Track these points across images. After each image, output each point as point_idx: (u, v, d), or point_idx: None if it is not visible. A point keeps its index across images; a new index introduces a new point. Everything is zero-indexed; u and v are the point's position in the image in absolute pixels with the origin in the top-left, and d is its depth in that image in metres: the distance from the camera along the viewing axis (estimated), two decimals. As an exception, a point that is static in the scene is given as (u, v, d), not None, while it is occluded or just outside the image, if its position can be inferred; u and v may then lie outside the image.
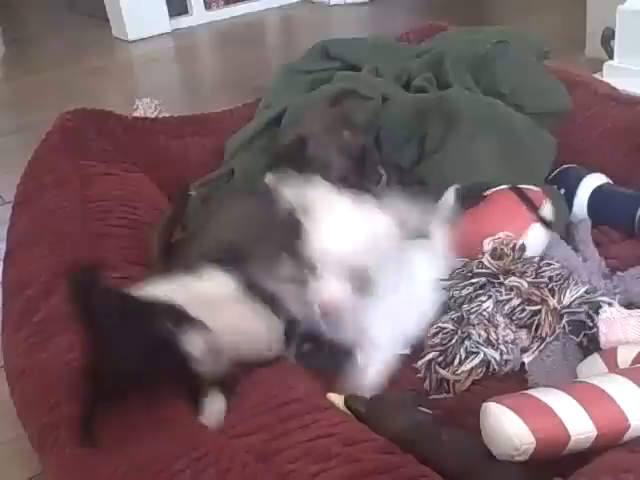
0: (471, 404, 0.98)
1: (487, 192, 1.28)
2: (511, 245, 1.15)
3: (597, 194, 1.39)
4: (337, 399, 0.97)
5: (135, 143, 1.55)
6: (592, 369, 1.00)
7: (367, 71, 1.60)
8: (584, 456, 0.84)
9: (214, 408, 0.93)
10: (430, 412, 0.98)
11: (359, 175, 1.24)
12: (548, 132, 1.46)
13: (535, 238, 1.21)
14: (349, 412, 0.95)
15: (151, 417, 0.90)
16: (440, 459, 0.86)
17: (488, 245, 1.16)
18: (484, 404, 0.87)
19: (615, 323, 1.04)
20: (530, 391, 0.90)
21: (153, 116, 1.79)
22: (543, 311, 1.07)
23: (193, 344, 0.91)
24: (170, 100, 2.34)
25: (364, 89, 1.48)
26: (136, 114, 1.86)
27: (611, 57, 2.22)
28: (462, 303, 1.10)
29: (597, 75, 2.12)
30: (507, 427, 0.84)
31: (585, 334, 1.08)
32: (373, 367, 1.05)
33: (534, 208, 1.26)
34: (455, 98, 1.41)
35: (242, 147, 1.57)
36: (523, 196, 1.27)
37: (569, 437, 0.84)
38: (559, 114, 1.52)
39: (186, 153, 1.62)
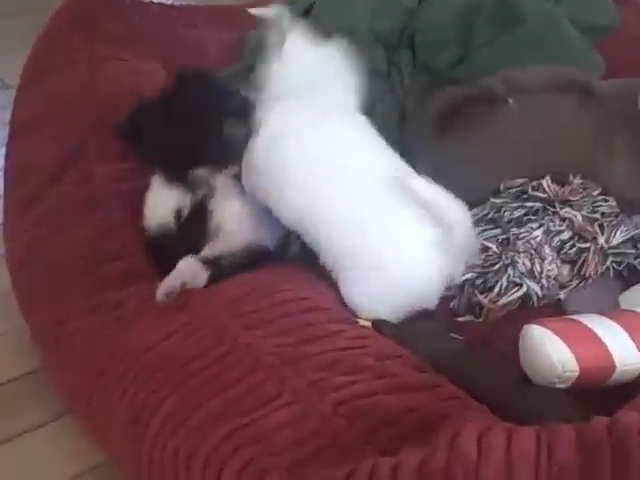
0: (502, 330, 0.94)
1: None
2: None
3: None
4: (365, 324, 0.91)
5: (150, 29, 1.45)
6: (638, 300, 0.94)
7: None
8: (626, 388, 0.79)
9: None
10: (461, 338, 0.93)
11: None
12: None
13: None
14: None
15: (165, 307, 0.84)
16: (472, 383, 0.80)
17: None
18: (526, 326, 0.82)
19: (661, 254, 0.98)
20: (575, 316, 0.85)
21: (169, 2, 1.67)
22: (591, 250, 1.01)
23: None
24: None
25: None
26: (150, 0, 1.75)
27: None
28: (512, 225, 1.03)
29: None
30: (551, 352, 0.78)
31: (627, 264, 1.01)
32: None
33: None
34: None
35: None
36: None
37: (615, 367, 0.79)
38: (606, 30, 1.42)
39: (203, 44, 1.51)
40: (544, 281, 0.99)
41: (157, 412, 0.75)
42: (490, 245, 1.01)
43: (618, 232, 1.02)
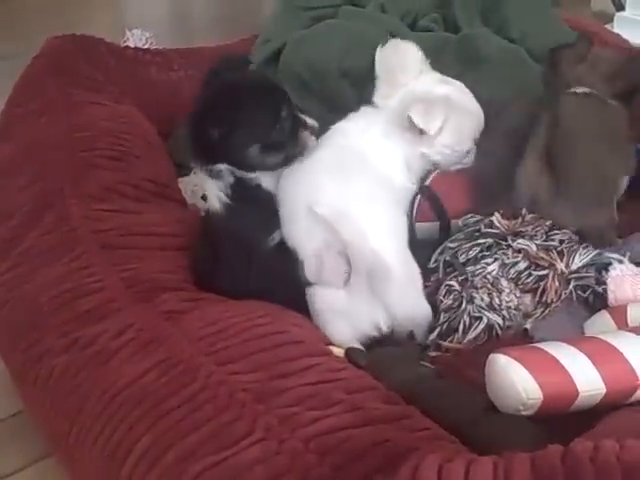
0: (472, 359, 0.96)
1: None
2: None
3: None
4: (338, 352, 0.94)
5: (126, 73, 1.48)
6: (601, 326, 0.96)
7: (372, 7, 1.53)
8: (589, 414, 0.82)
9: None
10: (432, 366, 0.95)
11: None
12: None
13: None
14: (350, 365, 0.91)
15: (140, 343, 0.85)
16: (442, 413, 0.82)
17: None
18: (491, 355, 0.84)
19: (625, 281, 1.01)
20: (539, 344, 0.87)
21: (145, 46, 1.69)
22: (550, 276, 1.03)
23: None
24: (160, 34, 2.24)
25: (368, 26, 1.41)
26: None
27: (619, 9, 2.16)
28: (468, 265, 1.05)
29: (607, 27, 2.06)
30: (515, 380, 0.80)
31: (592, 291, 1.04)
32: None
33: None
34: (483, 39, 1.36)
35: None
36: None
37: (578, 393, 0.81)
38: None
39: (178, 87, 1.54)
40: (505, 312, 1.02)
41: (132, 450, 0.75)
42: (452, 283, 1.04)
43: (577, 256, 1.04)
